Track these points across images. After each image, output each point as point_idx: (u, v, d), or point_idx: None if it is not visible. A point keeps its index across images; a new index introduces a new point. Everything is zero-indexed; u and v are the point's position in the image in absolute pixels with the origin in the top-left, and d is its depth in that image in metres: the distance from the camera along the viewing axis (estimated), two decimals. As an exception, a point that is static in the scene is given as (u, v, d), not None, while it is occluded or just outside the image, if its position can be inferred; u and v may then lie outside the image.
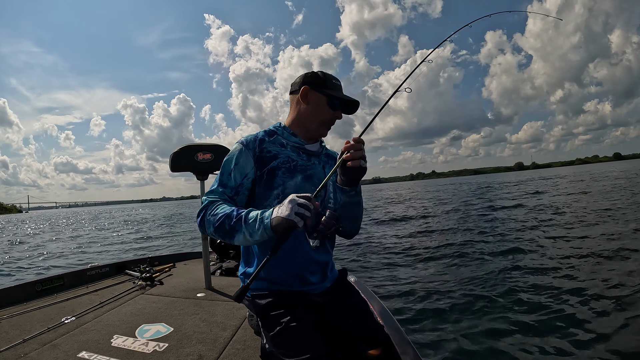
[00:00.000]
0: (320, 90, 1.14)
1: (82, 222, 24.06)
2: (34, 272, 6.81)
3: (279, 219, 0.89)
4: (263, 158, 1.12)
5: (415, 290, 3.90)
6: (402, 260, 5.47)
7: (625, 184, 16.84)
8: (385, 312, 1.48)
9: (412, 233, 8.21)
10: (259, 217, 0.95)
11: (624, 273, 3.84)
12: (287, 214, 0.87)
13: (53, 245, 11.74)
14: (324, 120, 1.16)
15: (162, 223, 19.08)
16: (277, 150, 1.15)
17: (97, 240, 12.48)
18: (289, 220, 0.87)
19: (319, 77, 1.15)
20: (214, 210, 1.02)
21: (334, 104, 1.15)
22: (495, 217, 9.79)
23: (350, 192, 1.08)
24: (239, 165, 1.10)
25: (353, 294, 1.27)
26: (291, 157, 1.15)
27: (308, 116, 1.16)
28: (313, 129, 1.18)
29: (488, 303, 3.35)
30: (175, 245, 9.75)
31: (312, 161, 1.19)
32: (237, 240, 0.99)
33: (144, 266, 2.68)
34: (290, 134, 1.18)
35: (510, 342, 2.58)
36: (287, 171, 1.12)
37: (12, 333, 1.58)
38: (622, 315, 2.82)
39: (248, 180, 1.11)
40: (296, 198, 0.89)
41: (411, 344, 1.21)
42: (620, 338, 2.48)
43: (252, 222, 0.95)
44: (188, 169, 2.28)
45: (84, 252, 9.44)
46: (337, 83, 1.18)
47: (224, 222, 0.98)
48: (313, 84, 1.15)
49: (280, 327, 1.02)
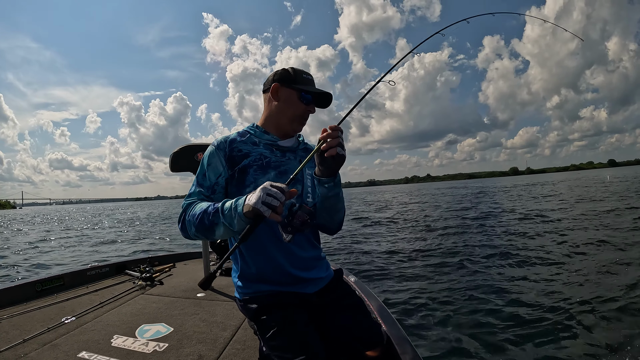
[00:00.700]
0: (290, 86, 1.13)
1: (82, 220, 24.02)
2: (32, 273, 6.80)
3: (248, 207, 0.89)
4: (234, 157, 1.12)
5: (414, 289, 3.90)
6: (401, 260, 5.47)
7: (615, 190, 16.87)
8: (385, 311, 1.48)
9: (412, 233, 8.22)
10: (233, 206, 0.94)
11: (623, 277, 3.85)
12: (254, 202, 0.87)
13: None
14: (296, 115, 1.15)
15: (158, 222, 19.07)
16: (249, 148, 1.15)
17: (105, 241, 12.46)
18: (256, 209, 0.87)
19: (289, 73, 1.15)
20: (192, 210, 1.03)
21: (305, 98, 1.14)
22: (491, 220, 9.80)
23: (328, 183, 1.05)
24: (212, 166, 1.12)
25: (351, 294, 1.27)
26: (263, 155, 1.14)
27: (279, 112, 1.15)
28: (286, 125, 1.17)
29: (487, 303, 3.35)
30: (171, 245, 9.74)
31: (287, 157, 1.18)
32: (218, 234, 0.98)
33: (144, 266, 2.68)
34: (262, 132, 1.18)
35: (510, 342, 2.58)
36: (258, 168, 1.12)
37: (12, 333, 1.58)
38: (621, 315, 2.83)
39: (222, 179, 1.11)
40: (268, 187, 0.88)
41: (411, 344, 1.21)
42: (617, 336, 2.49)
43: (228, 212, 0.94)
44: (188, 169, 2.28)
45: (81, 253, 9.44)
46: (308, 77, 1.17)
47: (202, 219, 0.98)
48: (283, 80, 1.14)
49: (274, 330, 1.01)
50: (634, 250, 4.92)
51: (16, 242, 12.67)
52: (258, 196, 0.87)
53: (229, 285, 2.31)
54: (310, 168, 1.15)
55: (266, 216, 0.86)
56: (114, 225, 18.07)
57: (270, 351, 1.00)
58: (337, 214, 1.16)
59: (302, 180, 1.15)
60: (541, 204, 12.92)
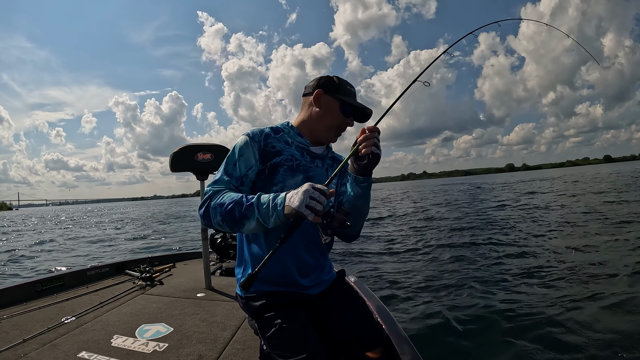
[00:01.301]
0: (334, 95, 1.13)
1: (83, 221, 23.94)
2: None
3: (289, 208, 0.87)
4: (267, 152, 1.11)
5: (415, 290, 3.90)
6: (402, 261, 5.46)
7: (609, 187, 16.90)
8: (385, 312, 1.48)
9: (412, 233, 8.22)
10: (271, 204, 0.91)
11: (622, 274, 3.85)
12: (297, 205, 0.85)
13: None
14: (334, 125, 1.15)
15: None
16: (282, 147, 1.13)
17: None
18: (299, 212, 0.85)
19: (334, 82, 1.14)
20: (220, 199, 0.98)
21: (346, 110, 1.14)
22: (494, 217, 9.80)
23: (362, 183, 1.04)
24: (244, 157, 1.09)
25: (352, 295, 1.27)
26: (295, 156, 1.14)
27: (318, 119, 1.15)
28: (321, 133, 1.17)
29: (488, 303, 3.35)
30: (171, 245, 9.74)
31: (315, 163, 1.18)
32: (247, 228, 0.95)
33: (144, 266, 2.68)
34: (296, 133, 1.17)
35: (510, 342, 2.58)
36: (288, 169, 1.11)
37: (12, 333, 1.58)
38: (620, 315, 2.83)
39: (252, 172, 1.09)
40: (311, 190, 0.86)
41: (411, 344, 1.21)
42: (620, 336, 2.49)
43: (265, 209, 0.92)
44: (188, 168, 2.28)
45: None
46: (351, 90, 1.17)
47: (233, 210, 0.94)
48: (327, 88, 1.13)
49: (275, 329, 1.02)
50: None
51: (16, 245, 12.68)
52: (301, 199, 0.86)
53: (229, 285, 2.31)
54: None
55: (309, 219, 0.86)
56: (123, 226, 18.04)
57: (271, 349, 1.00)
58: (361, 219, 1.15)
59: (343, 172, 1.15)
60: (538, 198, 12.94)
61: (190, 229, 13.50)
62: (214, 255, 3.18)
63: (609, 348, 2.38)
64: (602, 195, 13.07)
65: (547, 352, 2.42)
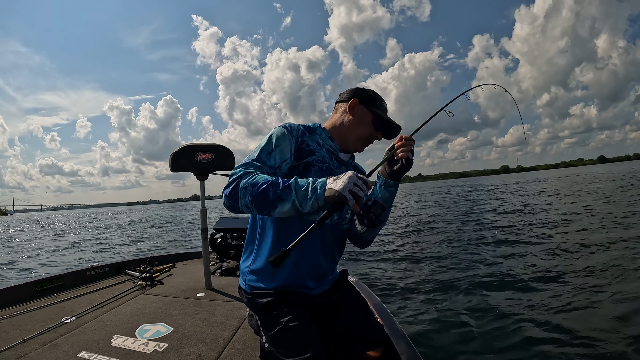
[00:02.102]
0: (368, 107, 1.15)
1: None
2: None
3: (332, 191, 0.85)
4: (302, 150, 1.10)
5: (415, 290, 3.90)
6: (402, 261, 5.46)
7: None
8: (385, 312, 1.48)
9: (412, 233, 8.22)
10: (311, 187, 0.89)
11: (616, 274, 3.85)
12: (341, 188, 0.84)
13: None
14: (364, 136, 1.17)
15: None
16: (315, 147, 1.14)
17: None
18: (342, 195, 0.84)
19: (370, 95, 1.17)
20: (253, 179, 0.93)
21: (378, 124, 1.16)
22: (488, 217, 9.80)
23: (391, 187, 1.09)
24: (281, 148, 1.06)
25: (353, 295, 1.27)
26: (325, 158, 1.15)
27: (350, 127, 1.16)
28: (351, 141, 1.18)
29: (488, 302, 3.35)
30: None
31: (341, 169, 1.19)
32: (279, 210, 0.91)
33: (144, 266, 2.68)
34: (328, 137, 1.18)
35: (510, 342, 2.58)
36: (320, 170, 1.11)
37: (12, 333, 1.58)
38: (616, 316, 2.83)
39: (286, 165, 1.07)
40: (354, 176, 0.87)
41: (411, 344, 1.22)
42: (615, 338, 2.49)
43: (304, 191, 0.89)
44: (188, 168, 2.28)
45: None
46: (384, 104, 1.19)
47: (267, 190, 0.90)
48: (363, 99, 1.15)
49: (280, 327, 1.02)
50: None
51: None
52: (345, 183, 0.85)
53: (229, 285, 2.31)
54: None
55: (349, 205, 0.85)
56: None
57: (273, 347, 1.01)
58: (380, 225, 1.16)
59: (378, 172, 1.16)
60: (535, 199, 12.96)
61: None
62: (214, 255, 3.18)
63: (609, 347, 2.38)
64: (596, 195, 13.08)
65: (547, 351, 2.42)
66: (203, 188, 2.39)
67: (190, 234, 12.48)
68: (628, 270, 3.92)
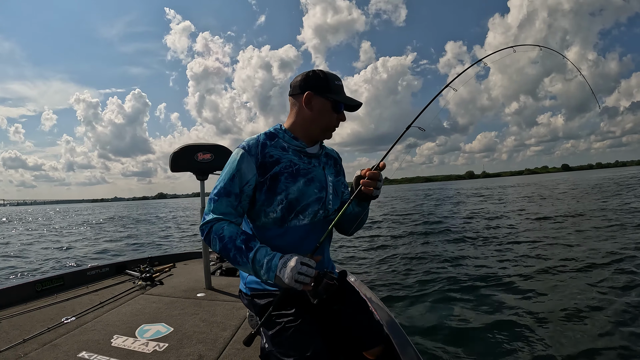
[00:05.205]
0: (325, 96, 1.11)
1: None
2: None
3: (280, 280, 0.95)
4: (265, 164, 1.08)
5: (415, 290, 3.90)
6: (402, 260, 5.46)
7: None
8: (385, 311, 1.48)
9: (412, 233, 8.22)
10: (266, 266, 0.97)
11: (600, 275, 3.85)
12: (287, 280, 0.93)
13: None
14: (330, 126, 1.15)
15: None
16: (279, 154, 1.12)
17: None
18: (289, 286, 0.94)
19: (322, 80, 1.11)
20: (221, 232, 1.03)
21: (338, 108, 1.13)
22: (486, 218, 9.80)
23: (364, 207, 1.19)
24: (241, 172, 1.07)
25: (353, 294, 1.27)
26: (293, 161, 1.13)
27: (312, 122, 1.13)
28: (317, 135, 1.17)
29: (488, 302, 3.35)
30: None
31: (312, 164, 1.17)
32: (239, 268, 1.06)
33: (144, 266, 2.68)
34: (291, 137, 1.15)
35: (510, 342, 2.58)
36: (289, 176, 1.10)
37: (12, 333, 1.58)
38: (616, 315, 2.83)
39: (249, 188, 1.08)
40: (299, 266, 0.93)
41: (411, 344, 1.22)
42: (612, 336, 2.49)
43: (258, 266, 0.98)
44: (188, 168, 2.28)
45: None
46: (339, 84, 1.15)
47: (230, 251, 1.01)
48: (316, 89, 1.11)
49: (280, 327, 1.02)
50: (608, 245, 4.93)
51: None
52: (290, 276, 0.92)
53: (229, 285, 2.31)
54: (331, 175, 1.20)
55: (298, 290, 0.94)
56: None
57: (273, 347, 1.01)
58: (361, 224, 1.25)
59: (326, 188, 1.17)
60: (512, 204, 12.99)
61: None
62: (214, 255, 3.18)
63: (607, 348, 2.38)
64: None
65: (546, 351, 2.42)
66: (203, 188, 2.39)
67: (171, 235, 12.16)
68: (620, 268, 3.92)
